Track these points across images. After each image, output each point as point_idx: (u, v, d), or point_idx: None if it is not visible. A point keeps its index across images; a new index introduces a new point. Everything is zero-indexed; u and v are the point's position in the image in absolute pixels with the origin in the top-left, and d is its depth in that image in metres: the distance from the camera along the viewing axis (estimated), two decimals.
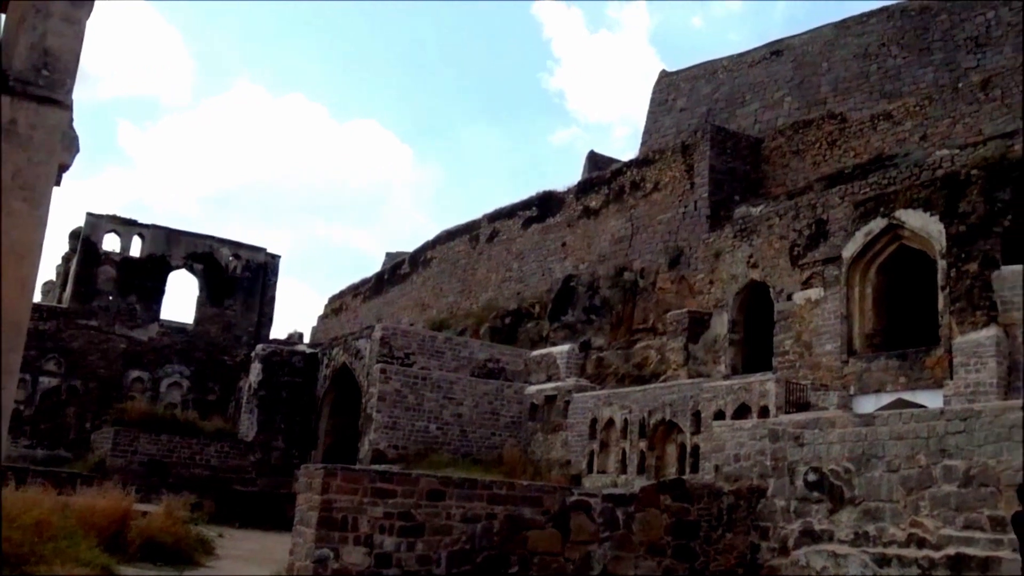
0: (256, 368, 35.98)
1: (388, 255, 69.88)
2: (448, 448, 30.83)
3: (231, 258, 48.71)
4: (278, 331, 61.79)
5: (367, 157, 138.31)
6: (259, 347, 37.52)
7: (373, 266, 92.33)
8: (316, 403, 35.29)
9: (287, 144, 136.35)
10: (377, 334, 31.61)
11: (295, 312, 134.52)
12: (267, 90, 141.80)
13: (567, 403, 30.54)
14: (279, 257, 50.81)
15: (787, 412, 22.07)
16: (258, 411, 35.09)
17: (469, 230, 52.64)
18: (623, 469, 27.66)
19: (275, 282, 50.59)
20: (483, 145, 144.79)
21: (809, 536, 16.35)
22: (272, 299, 50.45)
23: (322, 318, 67.74)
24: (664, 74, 52.68)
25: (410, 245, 60.08)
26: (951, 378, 22.03)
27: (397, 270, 59.42)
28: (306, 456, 33.36)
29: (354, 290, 64.57)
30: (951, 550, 13.89)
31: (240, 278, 48.80)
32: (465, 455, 30.76)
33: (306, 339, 54.39)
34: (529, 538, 15.06)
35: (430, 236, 56.83)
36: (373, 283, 62.13)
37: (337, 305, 66.10)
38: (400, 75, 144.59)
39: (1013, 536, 13.08)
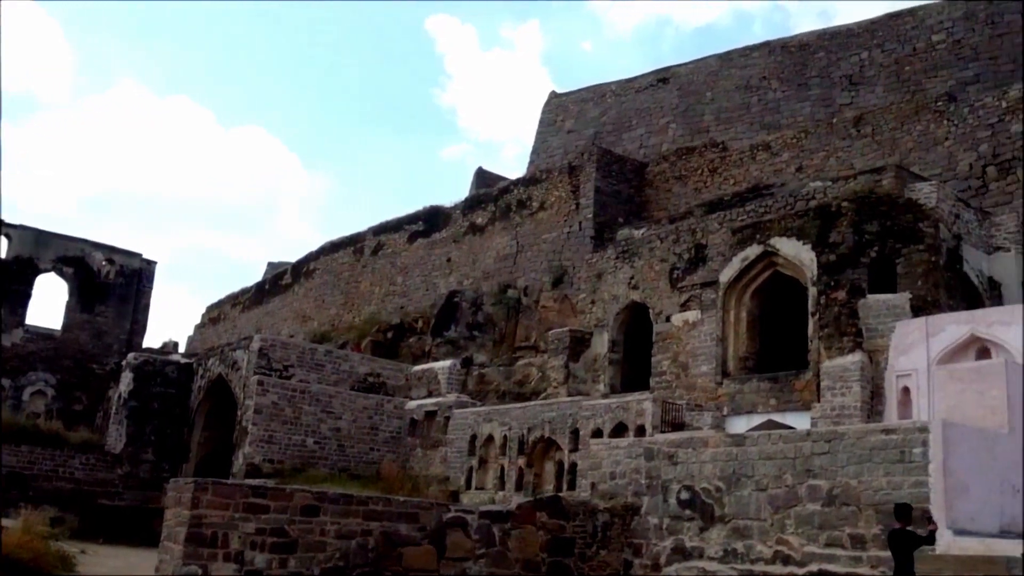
0: (127, 377, 34.69)
1: (270, 265, 68.60)
2: (326, 463, 30.35)
3: (104, 263, 46.98)
4: (152, 340, 59.89)
5: (253, 164, 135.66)
6: (131, 356, 36.20)
7: (255, 276, 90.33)
8: (189, 415, 34.25)
9: (171, 148, 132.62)
10: (255, 345, 30.93)
11: (171, 321, 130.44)
12: (152, 91, 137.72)
13: (447, 419, 30.45)
14: (155, 263, 49.30)
15: (663, 431, 22.51)
16: (128, 422, 33.80)
17: (354, 242, 52.12)
18: (501, 486, 27.70)
19: (150, 289, 49.01)
20: (373, 157, 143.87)
21: (680, 553, 16.70)
22: (147, 306, 48.85)
23: (199, 328, 65.93)
24: (554, 95, 53.37)
25: (294, 255, 59.17)
26: (818, 401, 22.86)
27: (279, 280, 58.35)
28: (177, 470, 32.30)
29: (233, 299, 63.10)
30: (814, 567, 14.39)
31: (113, 284, 47.10)
32: (343, 470, 30.32)
33: (181, 349, 52.84)
34: (405, 555, 14.93)
35: (316, 247, 56.11)
36: (253, 293, 60.86)
37: (215, 314, 64.44)
38: (290, 83, 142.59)
39: (872, 553, 13.63)
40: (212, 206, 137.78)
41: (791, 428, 19.78)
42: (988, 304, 23.39)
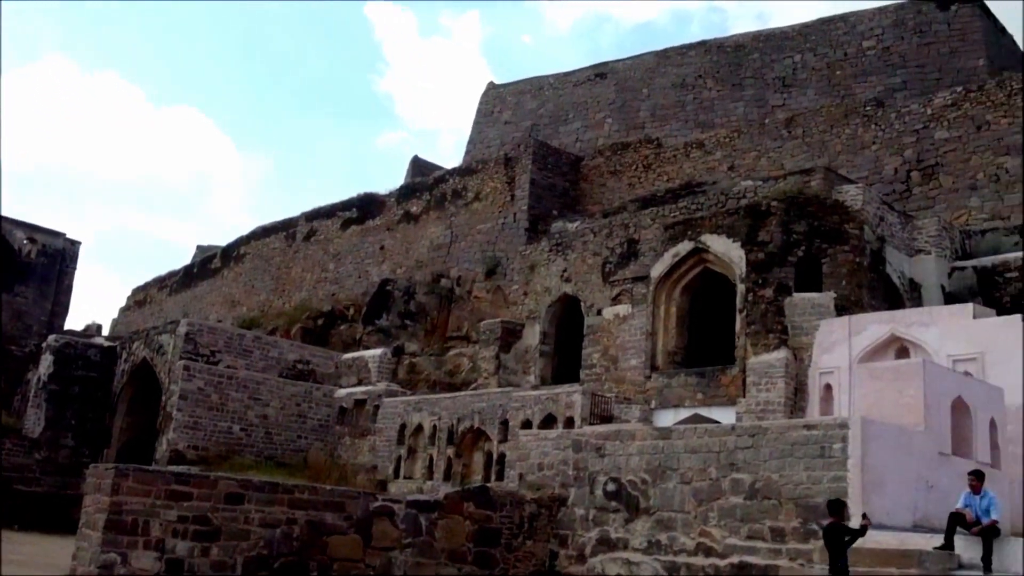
0: (47, 360, 33.79)
1: (199, 248, 67.53)
2: (252, 450, 30.00)
3: (26, 242, 45.62)
4: (75, 322, 58.55)
5: (184, 145, 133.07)
6: (52, 338, 35.26)
7: (183, 259, 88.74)
8: (112, 400, 33.52)
9: (98, 125, 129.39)
10: (182, 329, 30.41)
11: (95, 303, 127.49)
12: (79, 66, 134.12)
13: (377, 408, 30.30)
14: (79, 244, 48.01)
15: (591, 423, 22.71)
16: (47, 406, 32.93)
17: (286, 227, 51.52)
18: (430, 475, 27.67)
19: (73, 270, 47.74)
20: (308, 142, 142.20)
21: (606, 544, 16.88)
22: (69, 288, 47.59)
23: (124, 311, 64.58)
24: (492, 86, 53.34)
25: (225, 239, 58.38)
26: (744, 396, 23.27)
27: (208, 264, 57.43)
28: (98, 455, 31.59)
29: (160, 283, 61.94)
30: (735, 559, 14.66)
31: (35, 264, 45.76)
32: (270, 458, 30.00)
33: (105, 332, 51.66)
34: (330, 544, 14.84)
35: (247, 231, 55.36)
36: (181, 276, 59.81)
37: (141, 297, 63.18)
38: (225, 63, 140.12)
39: (792, 546, 13.94)
40: (140, 186, 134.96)
41: (717, 422, 20.09)
42: (908, 305, 24.03)
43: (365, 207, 46.52)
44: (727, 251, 25.32)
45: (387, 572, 15.33)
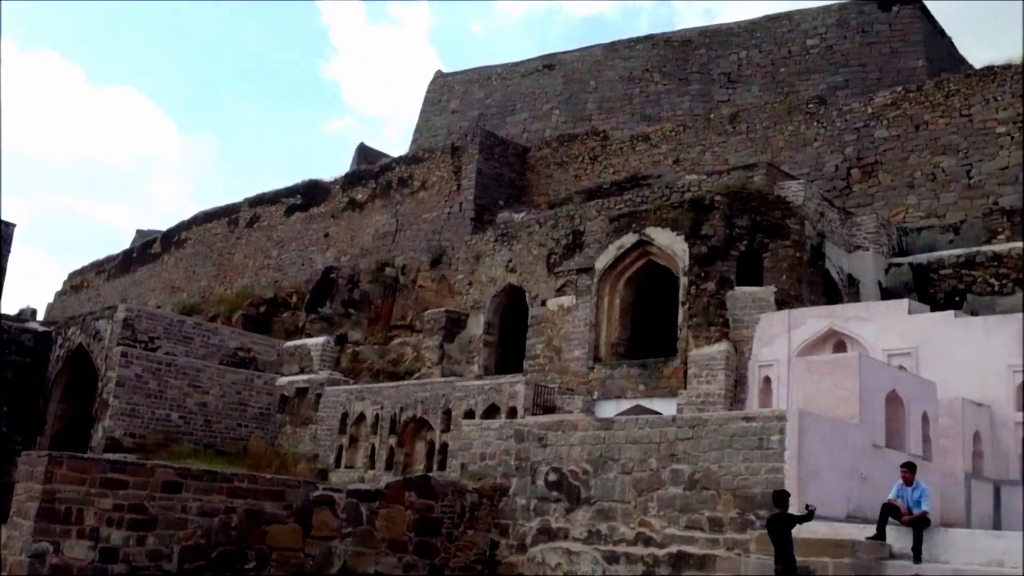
0: None
1: (139, 232, 66.36)
2: (191, 438, 29.61)
3: None
4: (8, 306, 57.06)
5: (124, 127, 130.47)
6: None
7: (122, 244, 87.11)
8: (46, 386, 32.80)
9: (35, 105, 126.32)
10: (120, 315, 29.87)
11: (29, 287, 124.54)
12: (16, 44, 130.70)
13: (319, 396, 30.10)
14: (14, 226, 46.67)
15: (534, 414, 22.79)
16: None
17: (228, 213, 50.80)
18: (372, 465, 27.58)
19: (7, 253, 46.40)
20: (253, 127, 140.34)
21: (546, 534, 16.98)
22: (3, 271, 46.19)
23: (60, 295, 63.22)
24: (440, 75, 53.11)
25: (165, 224, 57.50)
26: (685, 388, 23.53)
27: (148, 249, 56.45)
28: (31, 443, 30.91)
29: (98, 267, 60.73)
30: (674, 548, 14.85)
31: None
32: (209, 446, 29.64)
33: (40, 316, 50.53)
34: (269, 533, 14.73)
35: (189, 216, 54.53)
36: (120, 261, 58.71)
37: (78, 282, 61.90)
38: (167, 45, 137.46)
39: (729, 536, 14.16)
40: (79, 168, 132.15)
41: (658, 414, 20.31)
42: (846, 300, 24.51)
43: (310, 194, 46.06)
44: (671, 244, 25.55)
45: (327, 562, 15.27)
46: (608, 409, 24.42)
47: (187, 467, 15.00)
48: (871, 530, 12.63)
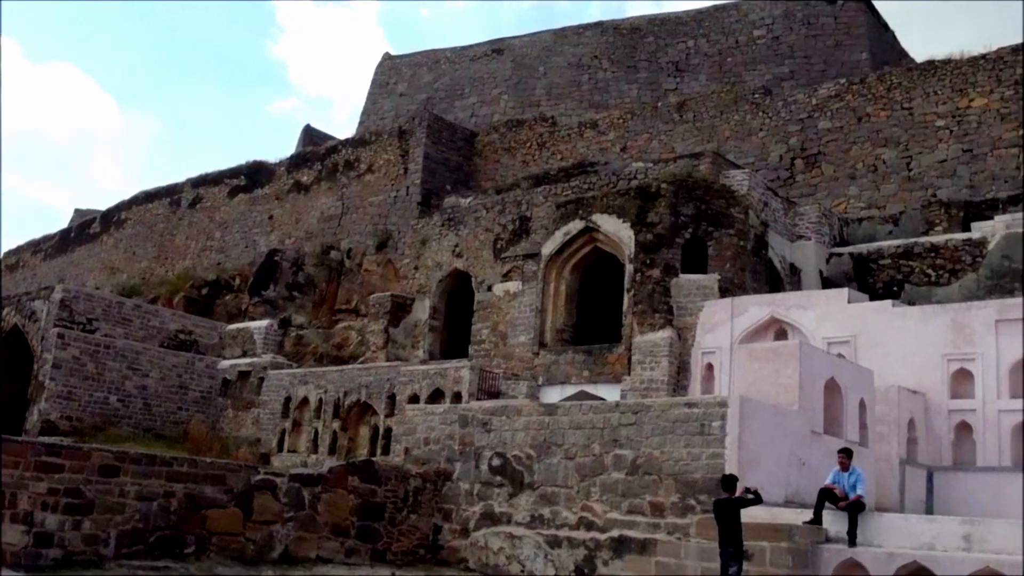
0: None
1: (78, 212, 64.96)
2: (130, 422, 29.16)
3: None
4: None
5: (63, 103, 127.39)
6: None
7: (60, 223, 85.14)
8: None
9: None
10: (57, 296, 29.27)
11: None
12: None
13: (262, 380, 29.79)
14: None
15: (479, 399, 22.80)
16: None
17: (170, 193, 49.98)
18: (315, 449, 27.40)
19: None
20: (197, 106, 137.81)
21: (489, 518, 17.02)
22: None
23: None
24: (388, 57, 52.68)
25: (105, 203, 56.25)
26: (629, 374, 23.70)
27: (86, 229, 55.32)
28: None
29: (35, 247, 59.43)
30: (615, 532, 14.98)
31: None
32: (148, 430, 29.21)
33: None
34: (209, 517, 14.56)
35: (129, 196, 53.48)
36: (57, 241, 57.49)
37: (13, 262, 60.45)
38: (108, 21, 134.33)
39: (670, 520, 14.30)
40: (14, 145, 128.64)
41: (602, 400, 20.43)
42: (788, 288, 24.84)
43: (254, 175, 45.48)
44: (617, 231, 25.66)
45: (267, 546, 15.14)
46: (553, 395, 24.50)
47: (125, 451, 14.75)
48: (808, 514, 12.86)
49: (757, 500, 12.18)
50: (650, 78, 42.67)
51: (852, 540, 12.33)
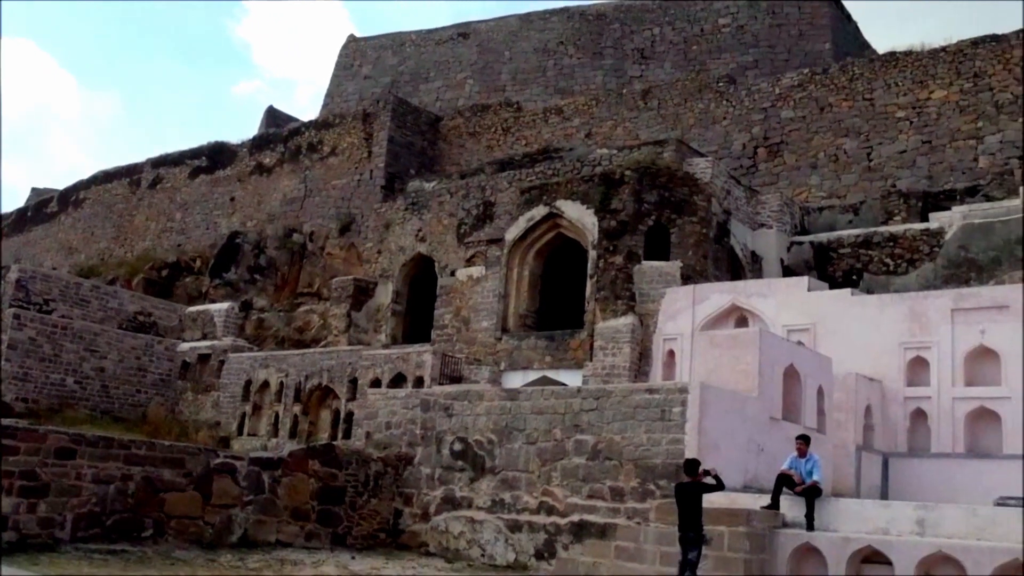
0: None
1: (34, 190, 63.93)
2: (87, 404, 28.83)
3: None
4: None
5: (20, 79, 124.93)
6: None
7: (16, 202, 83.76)
8: None
9: None
10: (12, 276, 28.82)
11: None
12: None
13: (222, 363, 29.57)
14: None
15: (441, 384, 22.80)
16: None
17: (130, 173, 49.27)
18: (275, 433, 27.28)
19: None
20: (159, 85, 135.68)
21: (450, 503, 17.04)
22: None
23: None
24: (352, 39, 52.24)
25: (63, 182, 55.55)
26: (591, 360, 23.79)
27: (43, 208, 54.43)
28: None
29: None
30: (576, 517, 15.06)
31: None
32: (106, 412, 28.91)
33: None
34: (167, 500, 14.45)
35: (88, 175, 52.68)
36: (13, 220, 56.50)
37: None
38: None
39: (629, 505, 14.40)
40: None
41: (564, 385, 20.50)
42: (749, 276, 25.05)
43: (216, 156, 44.96)
44: (580, 217, 25.71)
45: (226, 530, 15.06)
46: (515, 380, 24.55)
47: (82, 433, 14.57)
48: (766, 499, 13.00)
49: (719, 486, 12.27)
50: (615, 65, 42.71)
51: (809, 525, 12.50)
